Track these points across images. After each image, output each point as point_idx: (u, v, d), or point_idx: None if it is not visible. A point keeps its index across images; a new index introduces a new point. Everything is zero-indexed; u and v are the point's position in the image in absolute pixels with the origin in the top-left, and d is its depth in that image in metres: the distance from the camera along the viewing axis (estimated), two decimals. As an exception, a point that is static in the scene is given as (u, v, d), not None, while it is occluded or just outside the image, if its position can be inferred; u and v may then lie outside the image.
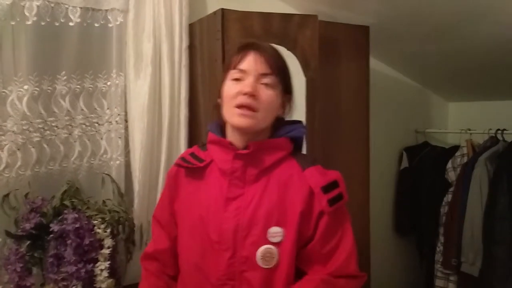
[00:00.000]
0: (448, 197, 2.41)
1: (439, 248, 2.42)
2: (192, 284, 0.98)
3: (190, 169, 1.03)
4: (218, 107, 1.02)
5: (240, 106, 0.93)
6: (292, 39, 1.59)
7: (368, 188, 2.03)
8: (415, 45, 2.20)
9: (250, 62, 0.94)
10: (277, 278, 0.91)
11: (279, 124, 1.02)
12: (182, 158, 1.06)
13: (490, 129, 2.35)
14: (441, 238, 2.40)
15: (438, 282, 2.42)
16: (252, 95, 0.92)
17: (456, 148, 2.52)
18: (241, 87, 0.93)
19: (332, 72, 1.89)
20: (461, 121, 2.76)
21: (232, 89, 0.95)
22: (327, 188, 0.93)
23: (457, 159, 2.45)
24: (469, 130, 2.50)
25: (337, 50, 1.91)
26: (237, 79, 0.95)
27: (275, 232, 0.91)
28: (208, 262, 0.94)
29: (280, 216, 0.92)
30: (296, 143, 1.03)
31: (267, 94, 0.94)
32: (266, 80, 0.94)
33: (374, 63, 2.26)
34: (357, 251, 0.98)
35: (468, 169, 2.28)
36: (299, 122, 1.06)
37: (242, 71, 0.94)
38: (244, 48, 0.97)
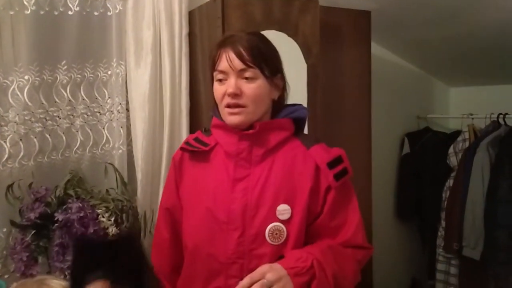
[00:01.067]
0: (450, 182, 2.42)
1: (441, 232, 2.44)
2: (200, 265, 0.99)
3: (195, 153, 1.06)
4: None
5: (228, 106, 0.97)
6: (293, 25, 1.58)
7: (370, 174, 2.04)
8: (417, 30, 2.19)
9: (226, 62, 0.96)
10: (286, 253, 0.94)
11: (280, 106, 1.04)
12: (187, 143, 1.09)
13: (492, 113, 2.34)
14: (443, 223, 2.42)
15: (439, 266, 2.44)
16: (236, 94, 0.95)
17: (457, 133, 2.52)
18: (225, 88, 0.96)
19: (334, 58, 1.88)
20: (463, 106, 2.75)
21: (219, 91, 0.98)
22: (332, 164, 0.96)
23: (458, 144, 2.45)
24: (471, 115, 2.49)
25: (339, 36, 1.90)
26: (220, 80, 0.98)
27: (283, 210, 0.93)
28: (216, 243, 0.96)
29: (288, 193, 0.95)
30: (298, 124, 1.05)
31: (250, 88, 0.95)
32: (246, 74, 0.95)
33: (376, 49, 2.24)
34: None
35: (470, 154, 2.29)
36: (300, 105, 1.08)
37: (221, 72, 0.97)
38: (219, 48, 0.99)
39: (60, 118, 1.57)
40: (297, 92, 1.60)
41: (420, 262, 2.73)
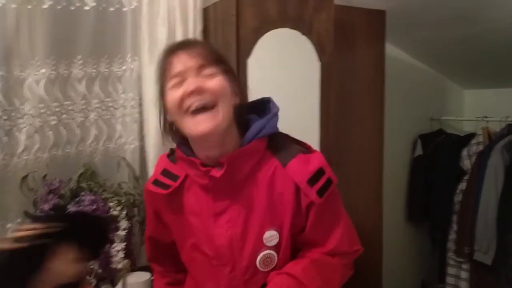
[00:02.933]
0: (463, 185, 2.39)
1: (452, 236, 2.41)
2: None
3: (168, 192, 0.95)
4: (172, 126, 0.94)
5: (193, 111, 0.83)
6: (307, 24, 1.57)
7: (381, 175, 2.03)
8: (432, 30, 2.16)
9: (182, 61, 0.84)
10: None
11: (240, 114, 0.91)
12: (155, 181, 0.97)
13: (508, 116, 2.31)
14: (454, 226, 2.39)
15: (450, 270, 2.42)
16: (199, 90, 0.82)
17: (471, 136, 2.49)
18: (183, 88, 0.83)
19: (347, 57, 1.87)
20: (477, 109, 2.71)
21: (175, 95, 0.84)
22: (313, 179, 0.87)
23: (472, 147, 2.41)
24: (486, 117, 2.46)
25: (353, 35, 1.89)
26: (176, 85, 0.85)
27: (270, 236, 0.89)
28: (210, 277, 0.94)
29: (272, 218, 0.90)
30: (275, 132, 0.94)
31: (215, 81, 0.84)
32: (207, 71, 0.84)
33: (390, 49, 2.23)
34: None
35: (484, 157, 2.26)
36: (265, 103, 0.95)
37: (178, 74, 0.84)
38: (171, 53, 0.88)
39: (74, 112, 1.59)
40: (310, 91, 1.61)
41: (430, 265, 2.70)
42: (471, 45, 2.23)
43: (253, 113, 0.94)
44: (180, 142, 0.95)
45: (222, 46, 1.64)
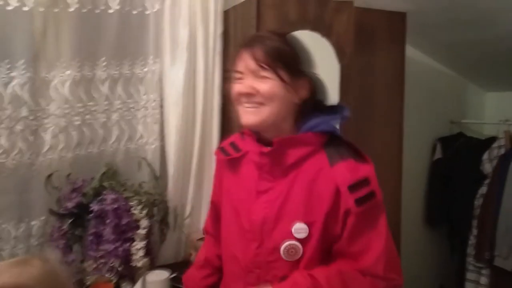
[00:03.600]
0: (483, 189, 2.35)
1: (472, 241, 2.37)
2: (228, 268, 1.02)
3: (228, 159, 1.06)
4: None
5: (243, 104, 0.94)
6: (327, 25, 1.58)
7: (400, 178, 2.01)
8: (453, 32, 2.14)
9: (242, 62, 0.93)
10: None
11: (307, 112, 0.96)
12: (221, 148, 1.09)
13: (531, 120, 2.26)
14: (474, 231, 2.35)
15: (469, 275, 2.38)
16: (249, 94, 0.91)
17: (492, 139, 2.45)
18: (240, 87, 0.93)
19: (367, 59, 1.86)
20: (499, 112, 2.66)
21: (234, 90, 0.95)
22: (355, 187, 0.88)
23: (494, 150, 2.37)
24: (508, 121, 2.41)
25: (373, 37, 1.88)
26: (237, 79, 0.95)
27: (300, 228, 0.90)
28: (240, 249, 0.98)
29: (306, 212, 0.91)
30: (335, 133, 0.98)
31: (265, 86, 0.91)
32: (261, 74, 0.91)
33: (410, 51, 2.20)
34: None
35: (506, 161, 2.22)
36: (339, 108, 0.99)
37: (238, 71, 0.94)
38: (241, 47, 0.95)
39: (97, 113, 1.63)
40: (329, 92, 1.61)
41: (449, 270, 2.66)
42: (492, 47, 2.20)
43: (325, 113, 0.99)
44: None
45: (242, 48, 1.66)
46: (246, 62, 0.92)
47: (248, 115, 0.92)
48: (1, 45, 1.42)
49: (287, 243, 0.91)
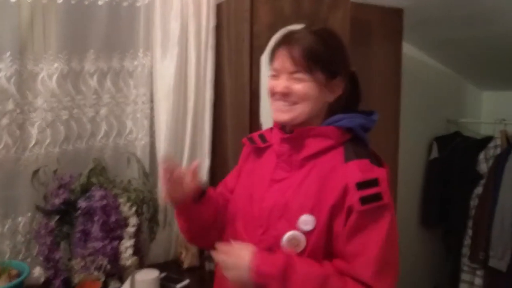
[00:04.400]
0: (479, 190, 2.34)
1: (467, 241, 2.36)
2: None
3: (254, 147, 1.09)
4: None
5: (277, 101, 0.97)
6: (322, 21, 1.54)
7: (396, 178, 1.98)
8: (450, 30, 2.11)
9: (280, 61, 0.95)
10: None
11: (337, 109, 0.98)
12: (249, 138, 1.12)
13: (527, 119, 2.24)
14: (469, 231, 2.34)
15: (464, 276, 2.36)
16: (284, 94, 0.94)
17: (489, 139, 2.43)
18: (275, 85, 0.96)
19: (363, 56, 1.83)
20: (496, 111, 2.65)
21: (270, 85, 0.98)
22: (363, 185, 0.87)
23: (490, 150, 2.35)
24: (504, 120, 2.40)
25: (369, 34, 1.85)
26: (273, 76, 0.98)
27: (306, 221, 0.90)
28: (247, 234, 0.98)
29: (315, 205, 0.90)
30: (358, 133, 0.97)
31: (300, 87, 0.93)
32: (297, 75, 0.93)
33: (407, 48, 2.17)
34: None
35: (501, 161, 2.20)
36: (370, 112, 1.00)
37: (275, 69, 0.97)
38: (277, 45, 0.97)
39: (86, 107, 1.59)
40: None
41: (443, 271, 2.65)
42: (490, 45, 2.17)
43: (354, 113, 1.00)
44: None
45: (235, 43, 1.62)
46: (283, 61, 0.94)
47: (280, 112, 0.96)
48: (-13, 36, 1.38)
49: (290, 233, 0.90)
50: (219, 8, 1.69)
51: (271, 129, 1.10)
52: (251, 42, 1.54)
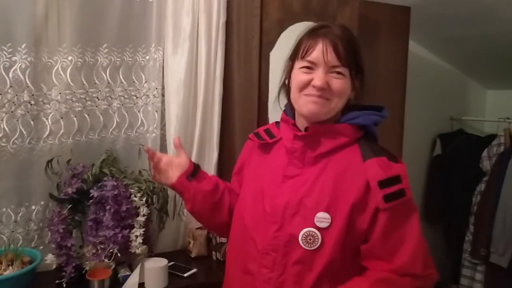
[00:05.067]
0: (481, 187, 2.36)
1: (468, 237, 2.39)
2: (244, 246, 1.02)
3: (261, 143, 1.08)
4: (284, 87, 1.03)
5: (310, 95, 0.93)
6: (331, 18, 1.57)
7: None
8: (456, 28, 2.13)
9: (320, 54, 0.91)
10: (317, 260, 0.90)
11: (349, 108, 0.97)
12: (256, 133, 1.10)
13: (531, 118, 2.27)
14: (471, 228, 2.37)
15: (465, 271, 2.40)
16: (323, 88, 0.91)
17: (492, 137, 2.45)
18: (310, 77, 0.92)
19: (370, 53, 1.86)
20: (500, 110, 2.67)
21: (302, 78, 0.93)
22: (385, 183, 0.88)
23: (493, 148, 2.38)
24: (508, 119, 2.42)
25: (376, 31, 1.87)
26: (307, 67, 0.93)
27: (323, 218, 0.90)
28: (259, 230, 0.98)
29: (331, 203, 0.90)
30: (369, 130, 0.98)
31: (339, 83, 0.91)
32: (337, 70, 0.91)
33: (412, 46, 2.20)
34: None
35: (505, 159, 2.23)
36: (380, 108, 1.00)
37: (311, 62, 0.92)
38: (314, 35, 0.93)
39: (98, 99, 1.63)
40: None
41: (444, 266, 2.68)
42: (496, 44, 2.19)
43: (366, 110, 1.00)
44: (287, 107, 1.05)
45: (245, 38, 1.65)
46: (324, 54, 0.90)
47: (313, 105, 0.92)
48: (3, 28, 1.41)
49: (306, 229, 0.90)
50: (229, 4, 1.71)
51: (276, 123, 1.09)
52: (260, 38, 1.58)
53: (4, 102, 1.44)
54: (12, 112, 1.46)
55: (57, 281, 1.42)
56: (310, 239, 0.90)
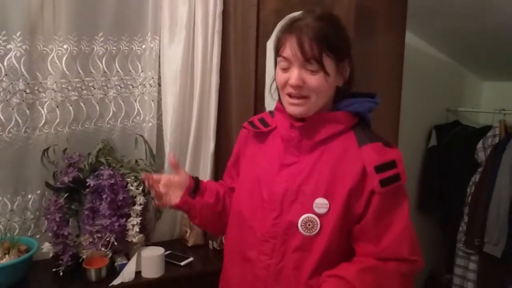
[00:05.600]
0: (476, 177, 2.38)
1: (463, 227, 2.41)
2: (241, 234, 1.03)
3: (256, 132, 1.08)
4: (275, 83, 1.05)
5: (289, 95, 0.94)
6: (328, 7, 1.56)
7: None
8: (453, 19, 2.12)
9: (291, 50, 0.91)
10: (316, 246, 0.92)
11: (343, 95, 0.98)
12: (250, 122, 1.11)
13: (526, 110, 2.28)
14: (465, 218, 2.39)
15: (459, 261, 2.42)
16: (298, 86, 0.91)
17: (487, 128, 2.46)
18: (287, 76, 0.93)
19: (367, 44, 1.85)
20: (495, 101, 2.67)
21: (281, 78, 0.95)
22: (381, 168, 0.89)
23: (488, 139, 2.39)
24: (503, 110, 2.43)
25: (373, 21, 1.86)
26: (283, 67, 0.94)
27: (321, 203, 0.91)
28: (257, 218, 0.99)
29: (329, 188, 0.92)
30: (364, 117, 0.99)
31: (314, 80, 0.91)
32: (310, 67, 0.90)
33: (408, 37, 2.19)
34: None
35: (499, 150, 2.24)
36: (372, 95, 1.01)
37: (285, 59, 0.93)
38: (285, 32, 0.93)
39: (94, 88, 1.62)
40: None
41: (439, 256, 2.71)
42: (492, 36, 2.19)
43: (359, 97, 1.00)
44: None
45: (242, 28, 1.64)
46: (294, 51, 0.90)
47: (293, 107, 0.94)
48: (-1, 16, 1.40)
49: (305, 215, 0.92)
50: (226, -7, 1.71)
51: (270, 112, 1.10)
52: (257, 28, 1.57)
53: (-1, 91, 1.43)
54: (7, 100, 1.45)
55: (54, 270, 1.43)
56: (309, 225, 0.92)
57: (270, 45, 1.54)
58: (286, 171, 0.97)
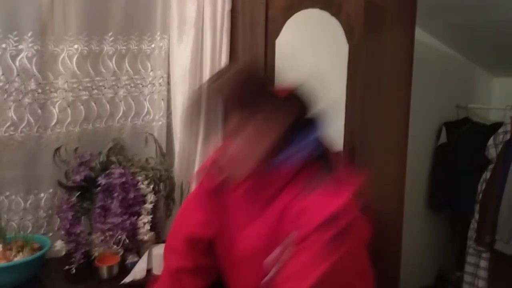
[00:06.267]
0: (487, 174, 2.36)
1: (473, 225, 2.39)
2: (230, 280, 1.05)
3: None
4: None
5: None
6: (337, 5, 1.56)
7: (405, 161, 2.00)
8: (463, 15, 2.11)
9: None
10: None
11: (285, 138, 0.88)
12: (207, 174, 1.05)
13: (538, 106, 2.25)
14: (476, 215, 2.37)
15: (469, 259, 2.41)
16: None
17: (498, 125, 2.44)
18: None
19: (376, 40, 1.84)
20: (506, 98, 2.65)
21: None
22: (322, 225, 0.79)
23: (499, 136, 2.37)
24: (514, 106, 2.40)
25: (382, 18, 1.85)
26: None
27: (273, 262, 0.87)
28: (234, 276, 1.01)
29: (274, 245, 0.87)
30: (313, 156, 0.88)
31: (232, 149, 0.87)
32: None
33: (418, 33, 2.17)
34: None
35: (510, 147, 2.22)
36: (317, 120, 0.91)
37: None
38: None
39: (105, 88, 1.63)
40: (337, 73, 1.60)
41: (449, 254, 2.70)
42: (503, 31, 2.16)
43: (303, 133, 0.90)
44: None
45: (250, 27, 1.64)
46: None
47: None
48: (10, 17, 1.42)
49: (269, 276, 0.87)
50: (234, -9, 1.71)
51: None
52: (266, 26, 1.57)
53: (11, 91, 1.45)
54: (19, 100, 1.47)
55: (66, 267, 1.45)
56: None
57: (279, 43, 1.54)
58: (253, 226, 0.93)
